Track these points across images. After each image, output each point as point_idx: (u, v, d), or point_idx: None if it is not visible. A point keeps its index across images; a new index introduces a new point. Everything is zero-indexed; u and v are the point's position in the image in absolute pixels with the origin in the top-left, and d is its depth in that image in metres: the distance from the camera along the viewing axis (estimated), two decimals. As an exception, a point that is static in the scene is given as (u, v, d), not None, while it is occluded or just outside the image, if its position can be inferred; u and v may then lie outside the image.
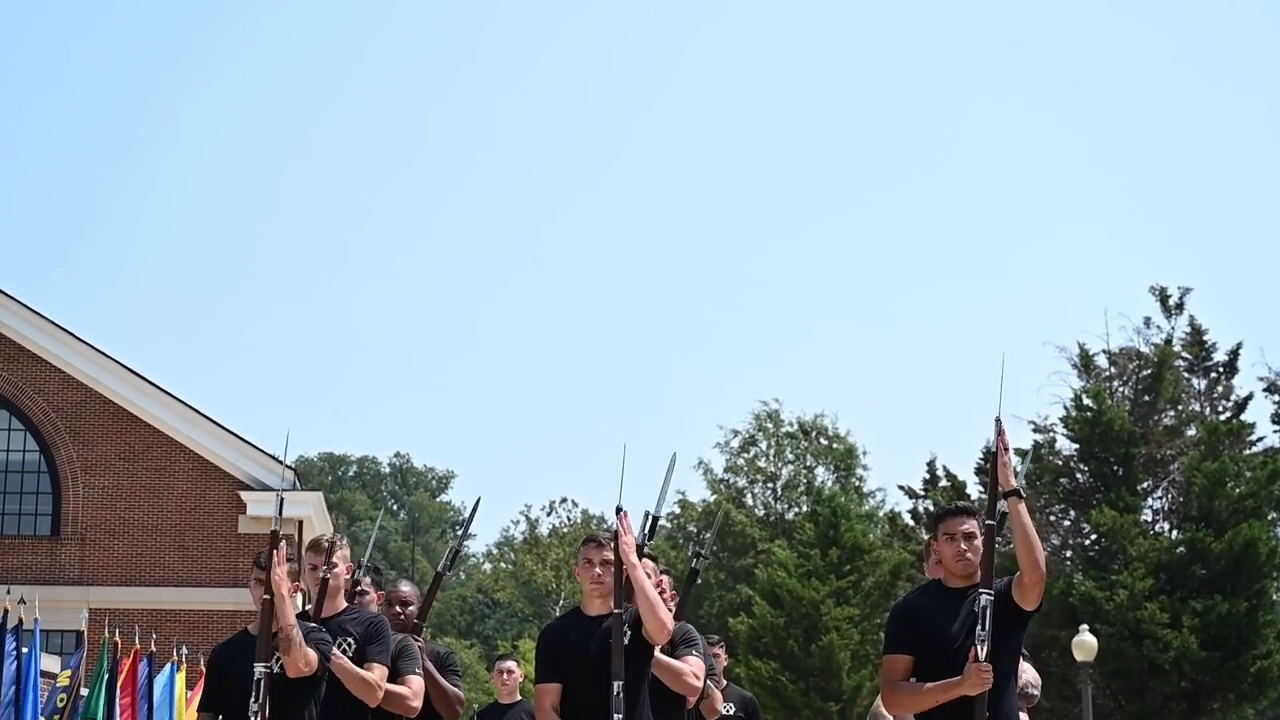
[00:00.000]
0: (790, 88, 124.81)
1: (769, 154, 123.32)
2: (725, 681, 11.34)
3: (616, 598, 7.45)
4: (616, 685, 7.27)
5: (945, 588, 7.43)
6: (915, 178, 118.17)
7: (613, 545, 7.48)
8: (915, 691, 7.25)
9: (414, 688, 8.21)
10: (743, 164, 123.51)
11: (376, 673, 7.91)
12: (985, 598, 7.10)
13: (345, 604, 8.25)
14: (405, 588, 9.52)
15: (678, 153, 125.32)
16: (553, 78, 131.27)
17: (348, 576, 8.37)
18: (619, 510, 7.58)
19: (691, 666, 8.20)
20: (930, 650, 7.27)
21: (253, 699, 7.27)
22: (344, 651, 7.85)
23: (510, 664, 12.04)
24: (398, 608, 9.29)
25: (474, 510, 10.25)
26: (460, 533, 10.27)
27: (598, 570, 7.54)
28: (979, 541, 7.34)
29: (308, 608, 8.19)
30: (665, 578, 8.89)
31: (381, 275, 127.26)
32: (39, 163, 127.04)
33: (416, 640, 8.84)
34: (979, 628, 7.06)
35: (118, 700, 20.54)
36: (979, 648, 7.04)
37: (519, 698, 11.93)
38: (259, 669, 7.32)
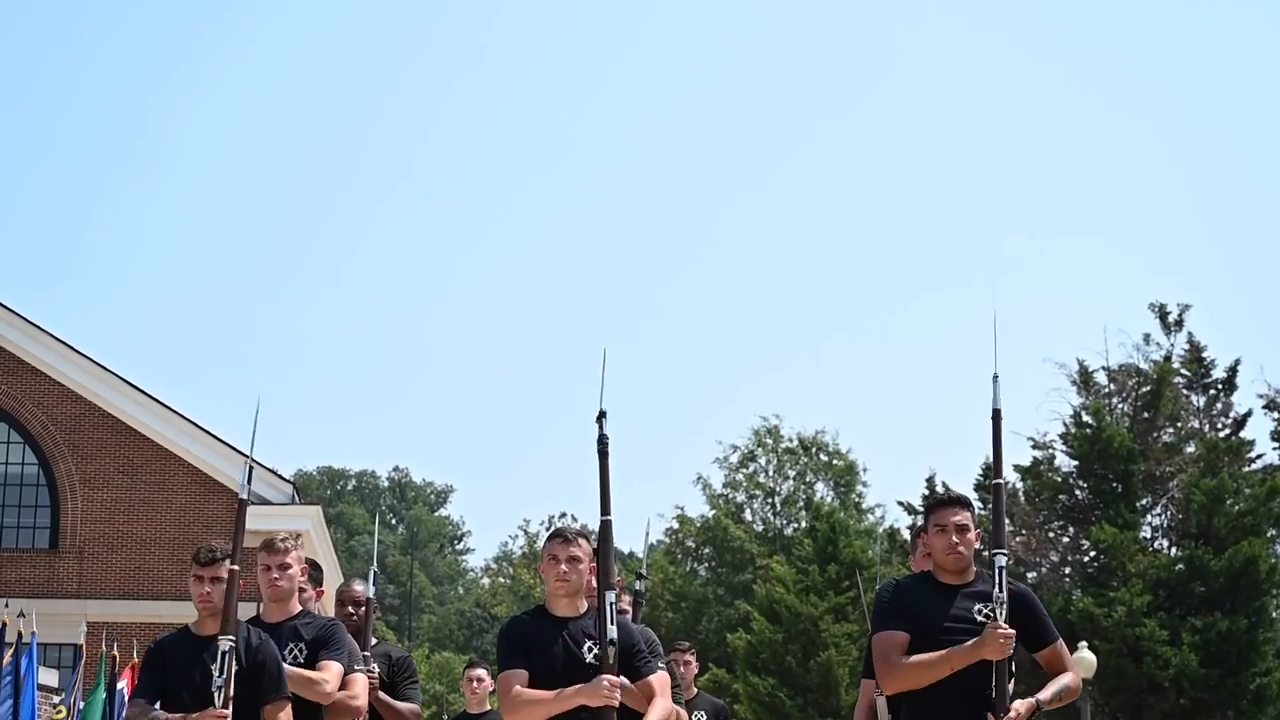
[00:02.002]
0: (789, 102, 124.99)
1: (768, 169, 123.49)
2: (695, 690, 11.34)
3: (602, 573, 6.89)
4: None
5: (936, 582, 6.94)
6: (914, 194, 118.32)
7: (580, 541, 6.96)
8: (923, 662, 6.64)
9: (353, 683, 7.86)
10: (741, 180, 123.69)
11: (330, 671, 7.57)
12: (1001, 559, 6.70)
13: (299, 607, 7.84)
14: (359, 586, 9.07)
15: (678, 167, 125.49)
16: (552, 95, 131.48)
17: (302, 579, 7.95)
18: (602, 415, 7.07)
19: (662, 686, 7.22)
20: (917, 646, 6.73)
21: (216, 672, 6.90)
22: (294, 658, 7.49)
23: (480, 672, 11.71)
24: (350, 608, 8.91)
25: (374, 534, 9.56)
26: (374, 567, 9.74)
27: (563, 568, 6.89)
28: (972, 535, 6.88)
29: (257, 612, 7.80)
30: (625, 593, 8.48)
31: (380, 290, 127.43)
32: (38, 175, 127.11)
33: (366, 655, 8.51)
34: (995, 589, 6.65)
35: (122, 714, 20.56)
36: (998, 610, 6.60)
37: (489, 707, 11.48)
38: (224, 641, 6.93)
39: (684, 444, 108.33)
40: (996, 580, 6.66)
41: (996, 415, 7.14)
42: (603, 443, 7.08)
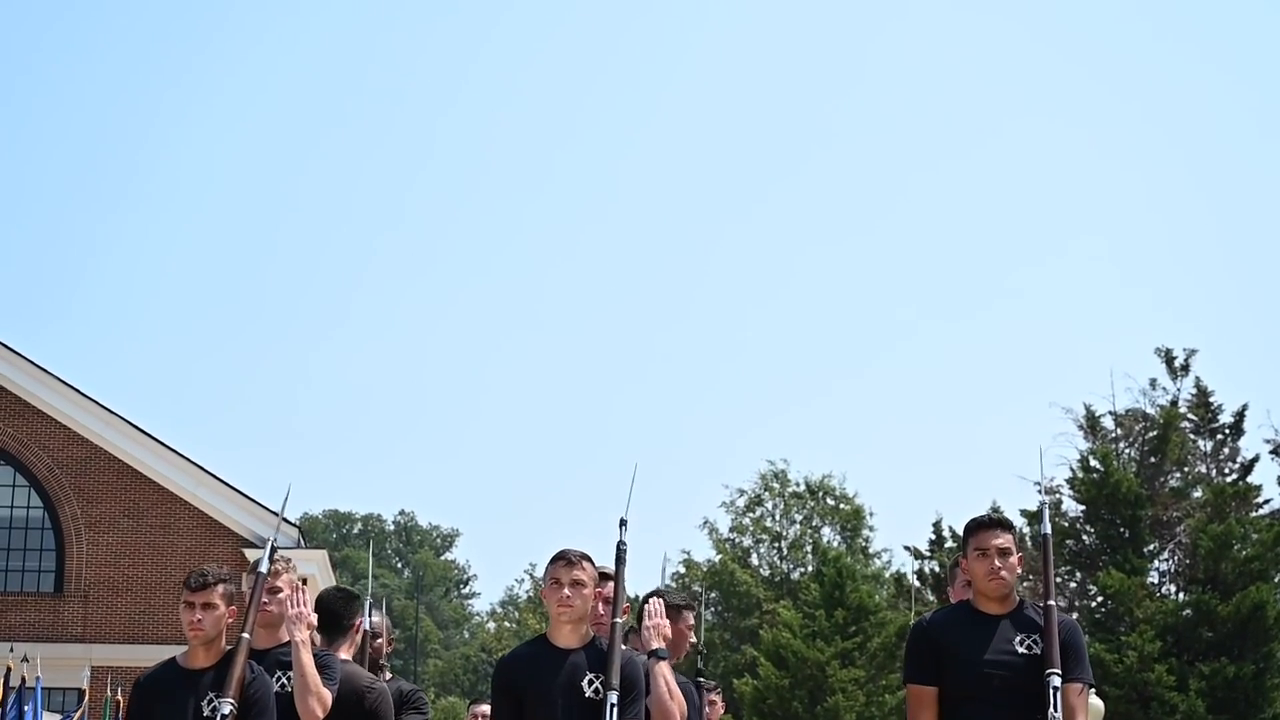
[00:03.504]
0: (787, 139, 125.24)
1: (767, 209, 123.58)
2: None
3: (616, 604, 6.60)
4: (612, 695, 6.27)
5: (976, 610, 6.48)
6: (922, 240, 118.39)
7: (585, 564, 6.55)
8: None
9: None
10: (740, 219, 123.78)
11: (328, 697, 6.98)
12: (1056, 679, 6.18)
13: (288, 635, 7.13)
14: (374, 618, 8.47)
15: (678, 205, 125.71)
16: (544, 134, 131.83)
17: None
18: (623, 522, 6.83)
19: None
20: (955, 681, 6.34)
21: None
22: (283, 687, 6.90)
23: (485, 708, 11.69)
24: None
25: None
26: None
27: (566, 593, 6.45)
28: (1014, 559, 6.42)
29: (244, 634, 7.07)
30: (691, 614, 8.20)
31: (383, 333, 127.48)
32: (40, 216, 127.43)
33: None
34: (1051, 709, 6.12)
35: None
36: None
37: None
38: (225, 703, 6.44)
39: (691, 488, 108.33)
40: (1052, 702, 6.12)
41: (1046, 541, 6.72)
42: (620, 548, 6.81)
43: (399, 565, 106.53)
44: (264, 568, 6.98)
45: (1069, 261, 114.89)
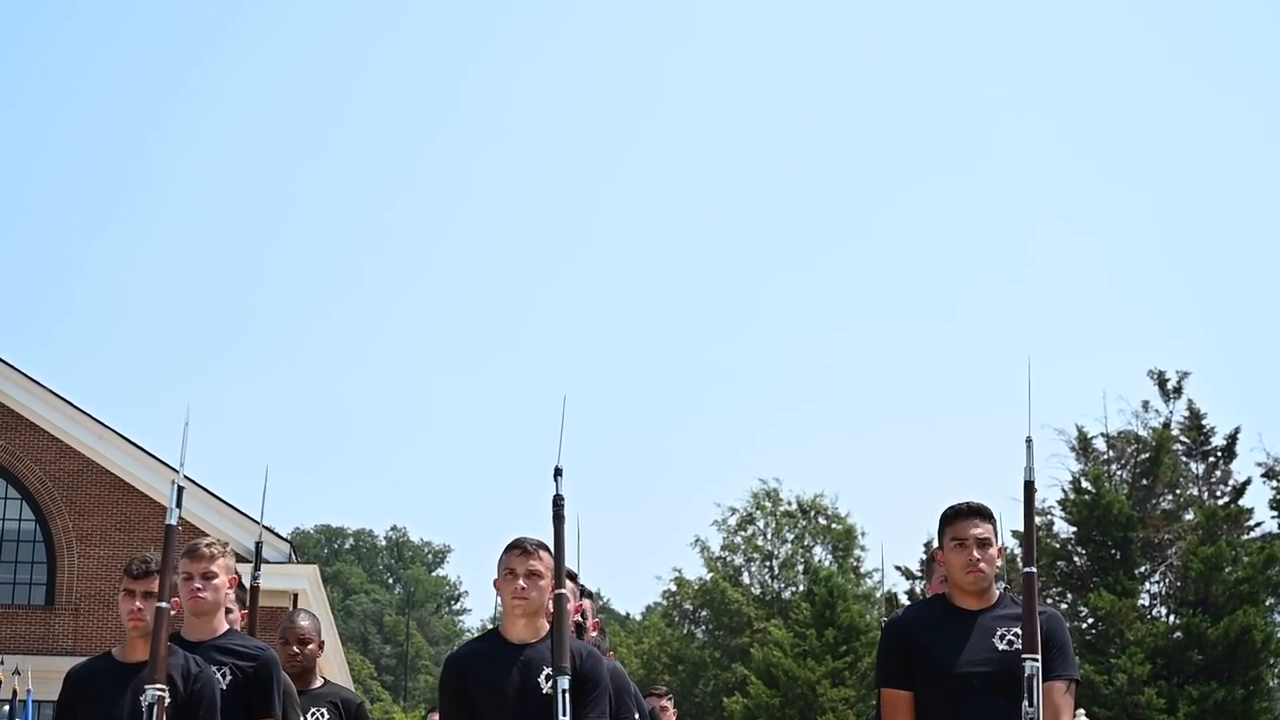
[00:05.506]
0: (775, 150, 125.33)
1: (757, 227, 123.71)
2: None
3: (559, 571, 6.05)
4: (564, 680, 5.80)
5: (952, 606, 6.02)
6: (917, 259, 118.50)
7: (541, 554, 6.04)
8: None
9: None
10: (728, 235, 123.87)
11: None
12: (1031, 664, 5.71)
13: (225, 626, 6.65)
14: (304, 622, 7.98)
15: (664, 223, 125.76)
16: (529, 153, 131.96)
17: (230, 590, 6.74)
18: (558, 472, 6.17)
19: None
20: (929, 683, 5.91)
21: None
22: (223, 678, 6.42)
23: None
24: (295, 647, 7.80)
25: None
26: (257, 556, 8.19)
27: (521, 584, 5.96)
28: (994, 550, 5.95)
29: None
30: (587, 601, 7.82)
31: (374, 349, 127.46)
32: (34, 228, 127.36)
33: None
34: (1025, 703, 5.66)
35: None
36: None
37: None
38: (152, 691, 5.96)
39: (683, 506, 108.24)
40: (1028, 693, 5.68)
41: (1029, 488, 6.04)
42: (558, 503, 6.15)
43: (390, 581, 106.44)
44: (173, 519, 6.27)
45: (1062, 283, 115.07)
